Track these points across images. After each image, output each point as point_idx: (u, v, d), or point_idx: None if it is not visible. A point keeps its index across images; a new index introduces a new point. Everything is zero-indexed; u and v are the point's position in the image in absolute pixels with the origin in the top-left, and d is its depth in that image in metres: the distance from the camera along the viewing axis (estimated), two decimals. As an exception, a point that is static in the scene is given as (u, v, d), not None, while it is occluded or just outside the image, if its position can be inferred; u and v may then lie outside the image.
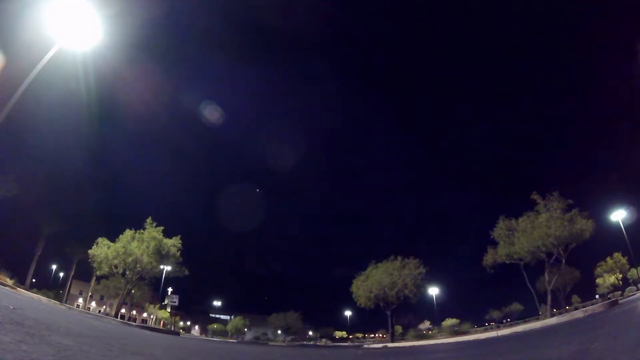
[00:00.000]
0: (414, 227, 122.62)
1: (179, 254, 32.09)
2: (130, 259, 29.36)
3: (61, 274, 50.33)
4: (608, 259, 43.36)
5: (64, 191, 40.03)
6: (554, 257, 24.68)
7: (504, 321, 55.11)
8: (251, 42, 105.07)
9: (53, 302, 22.11)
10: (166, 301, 55.19)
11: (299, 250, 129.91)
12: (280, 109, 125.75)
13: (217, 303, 71.58)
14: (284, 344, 43.26)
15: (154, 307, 57.80)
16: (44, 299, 22.66)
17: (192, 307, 78.52)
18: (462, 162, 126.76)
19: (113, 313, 37.39)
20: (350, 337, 76.27)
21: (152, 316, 62.40)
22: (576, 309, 28.91)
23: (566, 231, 22.95)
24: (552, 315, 22.66)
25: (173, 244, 31.60)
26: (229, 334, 65.91)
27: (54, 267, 50.00)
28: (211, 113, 71.94)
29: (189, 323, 76.67)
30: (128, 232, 30.63)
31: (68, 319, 9.23)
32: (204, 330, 74.69)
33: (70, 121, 44.22)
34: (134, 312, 63.92)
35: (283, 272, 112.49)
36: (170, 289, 52.68)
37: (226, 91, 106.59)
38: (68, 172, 42.67)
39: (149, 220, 31.08)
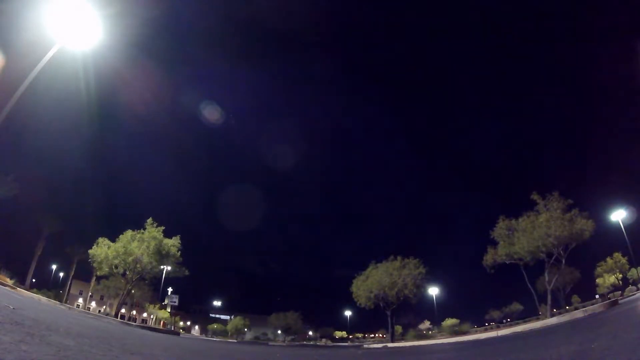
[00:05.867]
0: (414, 227, 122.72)
1: (179, 254, 32.06)
2: (130, 259, 29.34)
3: (61, 274, 50.35)
4: (608, 259, 43.35)
5: (64, 191, 40.16)
6: (554, 257, 24.65)
7: (504, 321, 55.14)
8: (251, 41, 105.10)
9: (53, 302, 22.10)
10: (166, 301, 55.27)
11: (299, 250, 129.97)
12: (280, 109, 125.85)
13: (217, 303, 71.65)
14: (284, 344, 43.26)
15: (154, 307, 57.80)
16: (44, 299, 22.65)
17: (192, 307, 78.62)
18: (463, 162, 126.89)
19: (113, 313, 37.41)
20: (350, 337, 76.26)
21: (152, 316, 62.39)
22: (576, 309, 28.88)
23: (566, 231, 22.92)
24: (552, 315, 22.64)
25: (173, 244, 31.58)
26: (229, 334, 65.89)
27: (54, 267, 50.03)
28: (211, 113, 72.06)
29: (189, 323, 76.68)
30: (128, 232, 30.62)
31: (68, 319, 9.23)
32: (204, 330, 74.67)
33: (70, 121, 44.29)
34: (134, 312, 63.91)
35: (283, 272, 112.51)
36: (170, 289, 52.75)
37: (226, 91, 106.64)
38: (68, 172, 42.81)
39: (149, 220, 31.05)
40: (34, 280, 39.81)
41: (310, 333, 78.14)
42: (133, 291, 42.61)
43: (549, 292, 25.02)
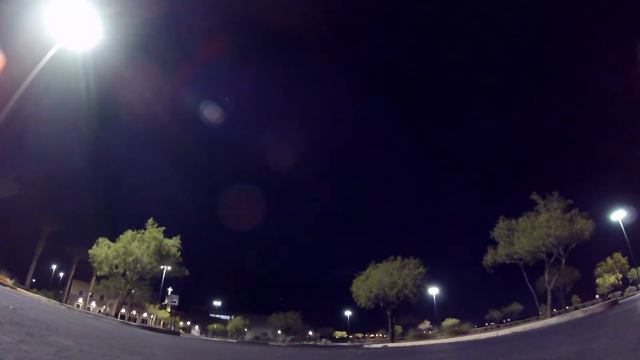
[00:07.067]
0: (414, 227, 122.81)
1: (179, 254, 32.05)
2: (130, 259, 29.33)
3: (61, 274, 50.32)
4: (608, 259, 43.33)
5: (64, 191, 40.10)
6: (554, 257, 24.64)
7: (504, 321, 55.10)
8: (251, 42, 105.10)
9: (53, 302, 22.11)
10: (166, 301, 55.20)
11: (299, 250, 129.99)
12: (281, 109, 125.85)
13: (217, 303, 71.64)
14: (284, 344, 43.25)
15: (154, 307, 57.81)
16: (44, 299, 22.66)
17: (192, 307, 78.62)
18: (463, 162, 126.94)
19: (113, 313, 37.41)
20: (350, 337, 76.30)
21: (152, 316, 62.40)
22: (576, 309, 28.88)
23: (566, 231, 22.89)
24: (552, 315, 22.65)
25: (173, 244, 31.56)
26: (229, 334, 65.91)
27: (54, 267, 49.99)
28: (211, 113, 72.06)
29: (189, 323, 76.68)
30: (128, 232, 30.61)
31: (68, 319, 9.23)
32: (204, 330, 74.69)
33: (70, 121, 44.23)
34: (134, 312, 63.92)
35: (283, 272, 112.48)
36: (170, 289, 52.72)
37: (226, 91, 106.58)
38: (68, 172, 42.74)
39: (150, 220, 31.02)
40: (34, 280, 39.79)
41: (310, 333, 78.16)
42: (133, 291, 42.57)
43: (549, 292, 25.00)
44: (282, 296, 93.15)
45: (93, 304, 53.96)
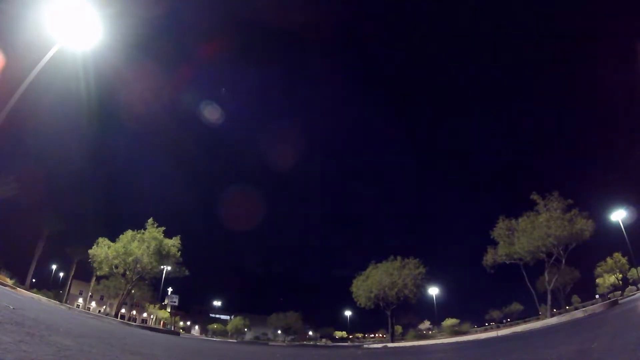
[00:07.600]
0: (415, 227, 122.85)
1: (179, 254, 32.02)
2: (130, 259, 29.29)
3: (61, 274, 50.33)
4: (608, 259, 43.31)
5: (64, 191, 40.10)
6: (554, 257, 24.63)
7: (504, 321, 55.06)
8: (252, 42, 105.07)
9: (53, 302, 22.11)
10: (166, 301, 55.23)
11: (299, 250, 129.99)
12: (281, 110, 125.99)
13: (217, 303, 71.61)
14: (284, 344, 43.25)
15: (154, 307, 57.79)
16: (44, 299, 22.66)
17: (192, 307, 78.55)
18: (463, 163, 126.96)
19: (113, 313, 37.39)
20: (350, 337, 76.28)
21: (152, 316, 62.39)
22: (576, 309, 28.87)
23: (566, 231, 22.87)
24: (552, 315, 22.63)
25: (173, 244, 31.52)
26: (229, 334, 65.90)
27: (54, 267, 50.01)
28: (211, 113, 72.08)
29: (189, 323, 76.67)
30: (129, 232, 30.55)
31: (68, 319, 9.24)
32: (204, 330, 74.67)
33: (70, 121, 44.24)
34: (134, 312, 63.91)
35: (283, 272, 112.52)
36: (170, 289, 52.73)
37: (226, 91, 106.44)
38: (68, 172, 42.74)
39: (150, 220, 30.97)
40: (34, 280, 39.79)
41: (310, 333, 78.16)
42: (133, 291, 42.56)
43: (549, 292, 24.98)
44: (282, 296, 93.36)
45: (93, 304, 53.96)
